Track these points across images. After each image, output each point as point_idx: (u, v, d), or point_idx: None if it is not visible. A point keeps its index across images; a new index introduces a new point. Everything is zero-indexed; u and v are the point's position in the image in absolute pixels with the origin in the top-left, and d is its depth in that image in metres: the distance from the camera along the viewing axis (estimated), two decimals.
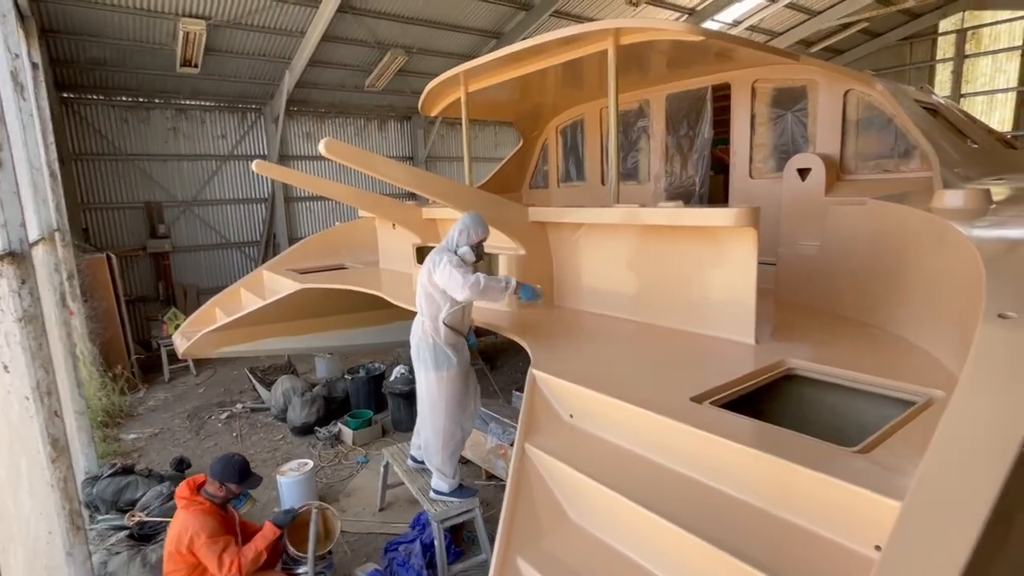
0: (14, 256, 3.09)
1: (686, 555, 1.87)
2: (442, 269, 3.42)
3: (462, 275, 3.36)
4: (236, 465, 3.43)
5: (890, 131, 4.35)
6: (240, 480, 3.40)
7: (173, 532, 3.27)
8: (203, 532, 3.17)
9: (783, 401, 2.82)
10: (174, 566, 3.24)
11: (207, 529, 3.19)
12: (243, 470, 3.45)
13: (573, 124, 6.99)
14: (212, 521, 3.25)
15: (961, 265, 2.40)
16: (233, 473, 3.39)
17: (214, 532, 3.21)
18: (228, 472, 3.38)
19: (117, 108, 10.04)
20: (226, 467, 3.40)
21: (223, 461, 3.44)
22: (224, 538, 3.23)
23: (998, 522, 1.29)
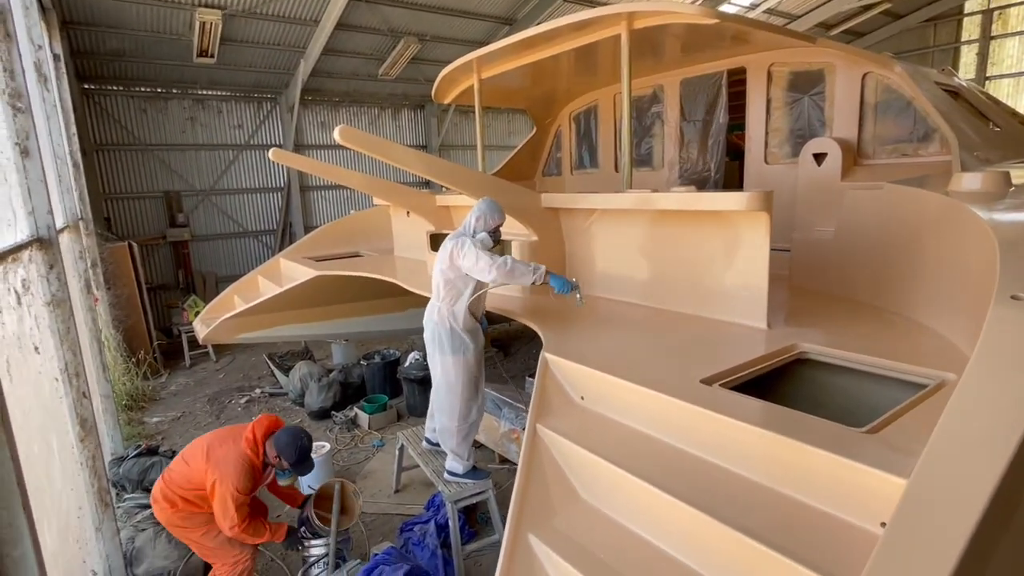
0: (42, 242, 3.19)
1: (695, 532, 1.90)
2: (467, 252, 3.42)
3: (490, 257, 3.37)
4: (300, 449, 3.37)
5: (909, 114, 4.28)
6: (295, 463, 3.37)
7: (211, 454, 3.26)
8: (231, 480, 3.16)
9: (794, 384, 2.83)
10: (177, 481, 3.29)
11: (239, 482, 3.17)
12: (302, 455, 3.40)
13: (586, 111, 6.95)
14: (247, 479, 3.22)
15: (977, 248, 2.38)
16: (292, 453, 3.35)
17: (242, 488, 3.20)
18: (289, 451, 3.34)
19: (136, 99, 10.19)
20: (289, 445, 3.35)
21: (291, 436, 3.37)
22: (247, 498, 3.25)
23: (1002, 501, 1.30)
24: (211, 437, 3.42)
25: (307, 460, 3.45)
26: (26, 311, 2.78)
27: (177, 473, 3.31)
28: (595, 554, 2.01)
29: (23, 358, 2.59)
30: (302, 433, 3.45)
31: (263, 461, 3.36)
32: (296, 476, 3.55)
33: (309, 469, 3.51)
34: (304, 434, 3.46)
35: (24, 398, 2.43)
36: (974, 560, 1.24)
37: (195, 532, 3.34)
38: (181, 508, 3.29)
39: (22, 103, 3.20)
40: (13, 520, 1.52)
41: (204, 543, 3.37)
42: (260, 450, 3.33)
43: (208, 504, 3.27)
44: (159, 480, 3.42)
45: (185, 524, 3.32)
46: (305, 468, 3.47)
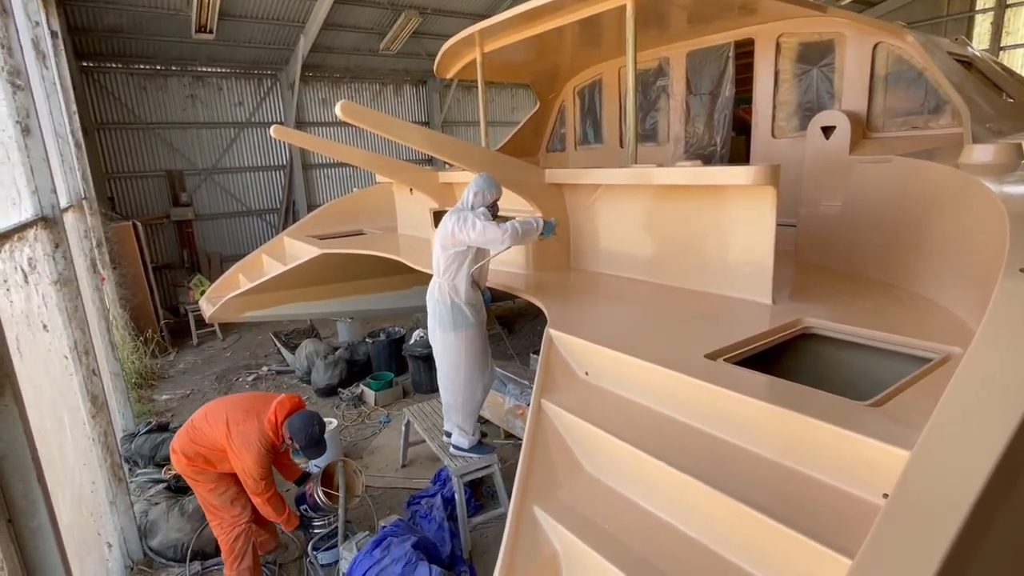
0: (47, 221, 3.20)
1: (698, 504, 1.93)
2: (472, 226, 3.40)
3: (497, 226, 3.38)
4: (310, 436, 3.41)
5: (920, 85, 4.19)
6: (304, 447, 3.42)
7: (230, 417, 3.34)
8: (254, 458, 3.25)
9: (799, 359, 2.84)
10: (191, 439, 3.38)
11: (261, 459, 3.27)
12: (312, 440, 3.43)
13: (591, 85, 6.85)
14: (267, 456, 3.32)
15: (986, 221, 2.35)
16: (302, 438, 3.39)
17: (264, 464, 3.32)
18: (300, 435, 3.38)
19: (135, 76, 10.09)
20: (301, 430, 3.38)
21: (303, 422, 3.40)
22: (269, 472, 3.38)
23: (1004, 473, 1.31)
24: (232, 406, 3.45)
25: (318, 446, 3.48)
26: (33, 290, 2.80)
27: (198, 431, 3.38)
28: (599, 525, 2.04)
29: (32, 336, 2.62)
30: (315, 420, 3.47)
31: (282, 441, 3.42)
32: (310, 459, 3.63)
33: (319, 454, 3.54)
34: (317, 420, 3.48)
35: (35, 375, 2.47)
36: (974, 531, 1.25)
37: (204, 487, 3.44)
38: (196, 463, 3.37)
39: (21, 80, 3.18)
40: (29, 492, 1.55)
41: (209, 499, 3.46)
42: (279, 432, 3.38)
43: (219, 465, 3.38)
44: (180, 432, 3.48)
45: (197, 478, 3.41)
46: (315, 452, 3.49)
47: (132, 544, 3.84)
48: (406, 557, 3.05)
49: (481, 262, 3.66)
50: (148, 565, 3.88)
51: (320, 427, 3.48)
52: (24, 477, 1.55)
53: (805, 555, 1.62)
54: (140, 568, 3.84)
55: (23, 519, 1.57)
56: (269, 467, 3.37)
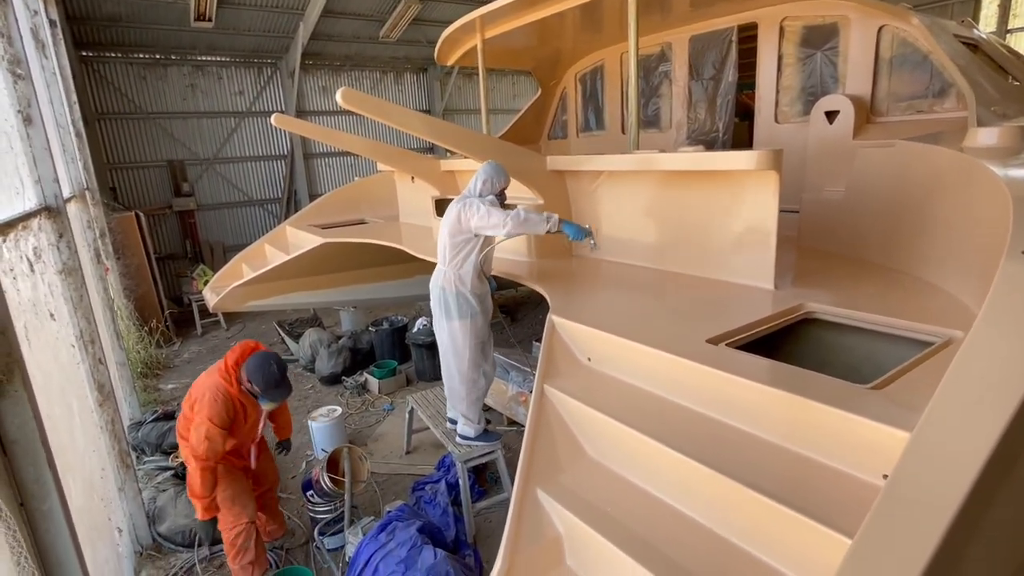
0: (50, 211, 3.21)
1: (700, 486, 1.95)
2: (476, 211, 3.38)
3: (501, 212, 3.34)
4: (267, 375, 3.18)
5: (925, 69, 4.15)
6: (264, 389, 3.19)
7: (195, 391, 3.25)
8: (205, 409, 3.09)
9: (801, 344, 2.84)
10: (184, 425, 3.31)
11: (211, 411, 3.09)
12: (270, 380, 3.18)
13: (592, 71, 6.80)
14: (221, 407, 3.12)
15: (990, 205, 2.34)
16: (259, 378, 3.17)
17: (216, 417, 3.09)
18: (257, 376, 3.18)
19: (135, 66, 10.05)
20: (257, 370, 3.18)
21: (259, 361, 3.21)
22: (215, 434, 3.10)
23: (1003, 454, 1.32)
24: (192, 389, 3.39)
25: (278, 387, 3.24)
26: (39, 278, 2.82)
27: (182, 414, 3.40)
28: (601, 508, 2.06)
29: (40, 324, 2.64)
30: (272, 357, 3.26)
31: (241, 388, 3.23)
32: (276, 403, 3.37)
33: (282, 395, 3.32)
34: (274, 358, 3.26)
35: (43, 362, 2.49)
36: (973, 511, 1.27)
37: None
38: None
39: (22, 69, 3.17)
40: (39, 476, 1.58)
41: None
42: (233, 377, 3.20)
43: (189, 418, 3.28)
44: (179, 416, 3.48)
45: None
46: (276, 394, 3.27)
47: (141, 530, 3.90)
48: (411, 541, 3.09)
49: (486, 249, 3.64)
50: (157, 550, 3.93)
51: (279, 366, 3.25)
52: (35, 461, 1.57)
53: (805, 535, 1.64)
54: (149, 553, 3.89)
55: (35, 502, 1.60)
56: (224, 425, 3.12)
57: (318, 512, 3.88)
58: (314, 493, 3.85)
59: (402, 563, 2.97)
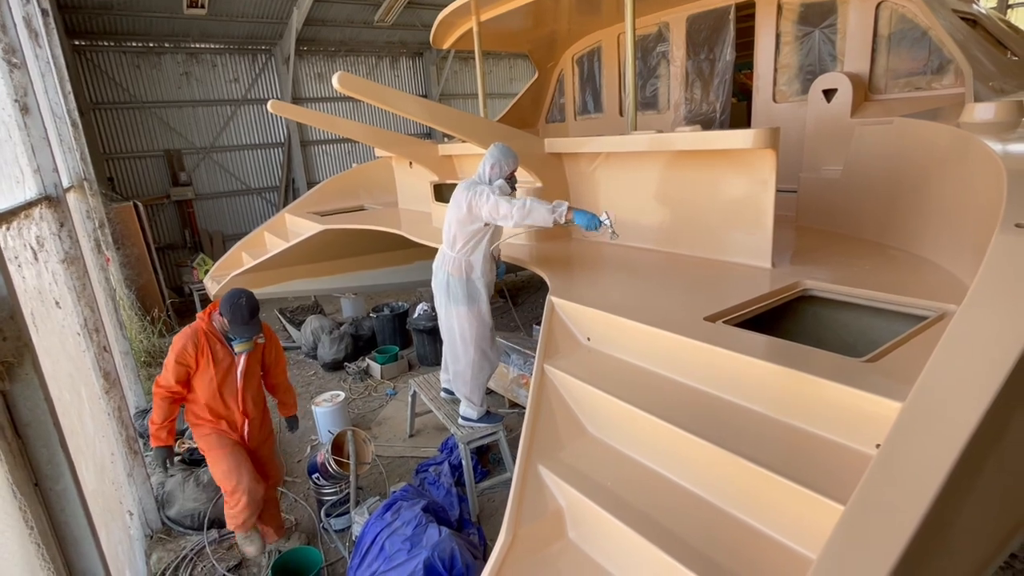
0: (51, 200, 3.22)
1: (698, 460, 1.99)
2: (487, 201, 3.33)
3: (508, 202, 3.28)
4: (234, 306, 3.14)
5: (924, 45, 4.13)
6: (231, 321, 3.16)
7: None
8: (172, 346, 3.17)
9: (797, 320, 2.88)
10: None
11: (175, 344, 3.16)
12: (236, 312, 3.14)
13: (590, 53, 6.75)
14: (185, 340, 3.16)
15: (985, 180, 2.36)
16: (227, 310, 3.15)
17: (177, 349, 3.14)
18: (225, 307, 3.16)
19: (128, 54, 9.97)
20: (225, 302, 3.17)
21: (229, 295, 3.19)
22: (172, 365, 3.15)
23: (992, 423, 1.36)
24: None
25: (249, 319, 3.18)
26: (43, 267, 2.84)
27: None
28: (602, 482, 2.11)
29: (46, 312, 2.68)
30: (243, 293, 3.22)
31: (212, 327, 3.25)
32: (248, 343, 3.31)
33: (249, 333, 3.25)
34: (245, 294, 3.22)
35: (51, 349, 2.53)
36: (962, 478, 1.30)
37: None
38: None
39: (17, 58, 3.17)
40: (52, 457, 1.62)
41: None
42: (207, 314, 3.26)
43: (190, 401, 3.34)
44: None
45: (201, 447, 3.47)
46: (245, 329, 3.20)
47: (151, 514, 3.97)
48: (416, 519, 3.15)
49: (499, 240, 3.63)
50: (167, 533, 4.01)
51: (248, 300, 3.19)
52: (47, 443, 1.61)
53: (800, 504, 1.69)
54: (159, 536, 3.97)
55: (48, 483, 1.64)
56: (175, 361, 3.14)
57: (324, 494, 3.95)
58: (320, 476, 3.92)
59: (407, 541, 3.03)
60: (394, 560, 2.97)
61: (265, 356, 3.58)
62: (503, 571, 1.96)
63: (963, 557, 1.49)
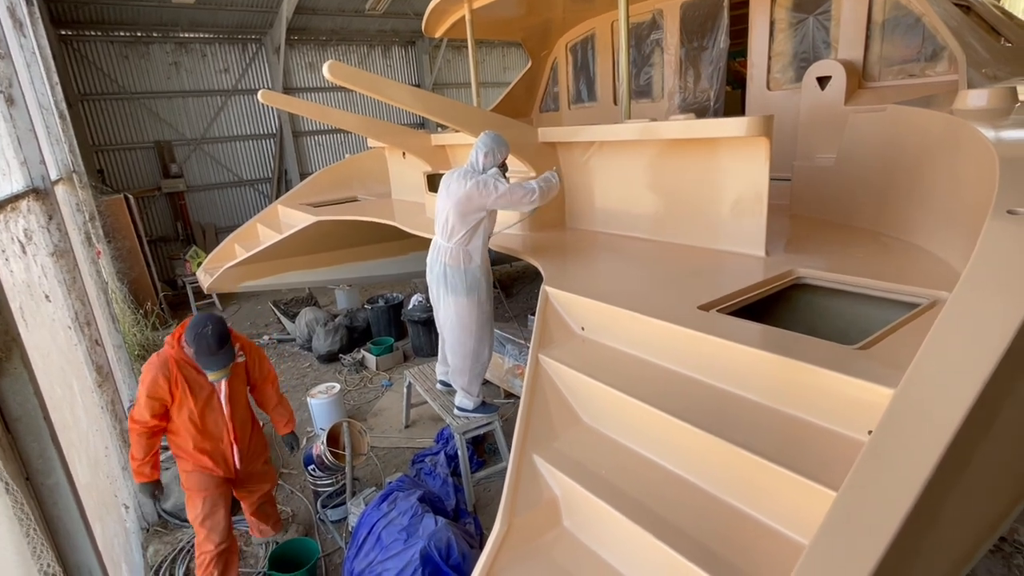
0: (38, 192, 3.18)
1: (692, 448, 2.00)
2: (495, 189, 3.31)
3: (520, 187, 3.33)
4: (198, 336, 2.80)
5: (918, 32, 4.12)
6: (196, 352, 2.83)
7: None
8: (143, 374, 2.85)
9: (791, 309, 2.89)
10: None
11: (145, 374, 2.84)
12: (201, 343, 2.80)
13: (583, 41, 6.70)
14: (155, 370, 2.83)
15: (978, 167, 2.36)
16: (191, 338, 2.81)
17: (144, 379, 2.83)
18: (189, 335, 2.82)
19: (116, 44, 9.82)
20: (189, 331, 2.83)
21: (193, 322, 2.86)
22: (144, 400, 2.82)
23: (984, 407, 1.36)
24: None
25: (216, 349, 2.84)
26: (32, 260, 2.81)
27: None
28: (596, 470, 2.12)
29: (35, 306, 2.65)
30: (210, 320, 2.88)
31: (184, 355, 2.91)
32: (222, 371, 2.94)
33: (219, 361, 2.89)
34: (210, 321, 2.87)
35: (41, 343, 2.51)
36: (953, 463, 1.31)
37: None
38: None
39: (1, 48, 3.11)
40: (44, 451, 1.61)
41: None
42: (177, 341, 2.92)
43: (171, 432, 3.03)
44: None
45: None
46: (212, 361, 2.85)
47: (147, 507, 3.97)
48: (412, 509, 3.16)
49: (498, 228, 3.62)
50: (163, 526, 4.01)
51: (214, 328, 2.84)
52: (38, 437, 1.60)
53: (793, 490, 1.70)
54: (156, 529, 3.97)
55: (40, 477, 1.63)
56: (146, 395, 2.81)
57: (320, 485, 3.95)
58: (316, 467, 3.92)
59: (404, 531, 3.04)
60: (391, 550, 2.99)
61: (250, 373, 3.26)
62: (499, 559, 1.97)
63: (954, 541, 1.50)
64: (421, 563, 2.86)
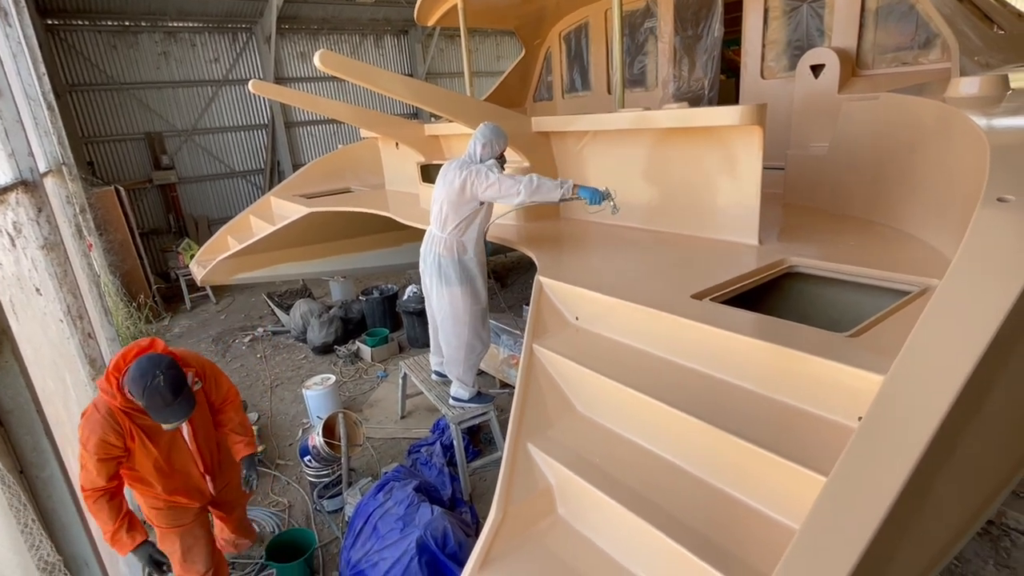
0: (27, 185, 3.14)
1: (685, 435, 2.02)
2: (486, 179, 3.29)
3: (513, 179, 3.26)
4: (154, 392, 2.24)
5: (911, 19, 4.11)
6: (148, 407, 2.29)
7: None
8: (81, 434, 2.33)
9: (783, 297, 2.90)
10: None
11: (87, 442, 2.30)
12: (155, 398, 2.25)
13: (577, 29, 6.66)
14: (98, 435, 2.31)
15: (969, 154, 2.37)
16: (138, 395, 2.26)
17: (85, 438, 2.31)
18: (135, 387, 2.26)
19: (104, 34, 9.68)
20: (137, 381, 2.25)
21: (140, 371, 2.26)
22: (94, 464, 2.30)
23: (971, 392, 1.38)
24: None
25: (173, 399, 2.30)
26: (22, 253, 2.79)
27: None
28: (590, 459, 2.14)
29: (26, 299, 2.63)
30: (156, 365, 2.29)
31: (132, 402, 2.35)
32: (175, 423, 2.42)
33: (180, 411, 2.36)
34: (158, 368, 2.28)
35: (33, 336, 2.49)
36: (941, 447, 1.33)
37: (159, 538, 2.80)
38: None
39: None
40: (37, 444, 1.61)
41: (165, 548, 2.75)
42: (113, 387, 2.33)
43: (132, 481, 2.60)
44: None
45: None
46: (171, 412, 2.33)
47: None
48: (408, 499, 3.18)
49: (493, 218, 3.59)
50: None
51: (165, 376, 2.28)
52: (31, 431, 1.60)
53: (785, 476, 1.72)
54: None
55: (34, 470, 1.63)
56: (92, 454, 2.29)
57: (317, 476, 3.96)
58: (311, 458, 3.93)
59: (400, 520, 3.06)
60: (387, 539, 3.00)
61: (209, 396, 2.81)
62: (494, 547, 1.99)
63: (942, 525, 1.53)
64: (417, 552, 2.88)
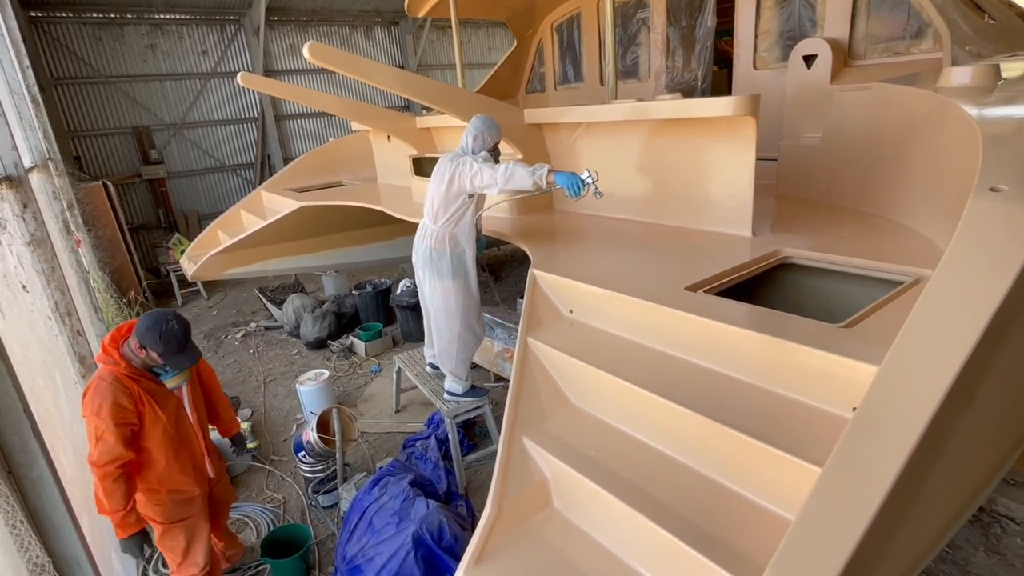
0: (11, 181, 3.10)
1: (679, 427, 2.02)
2: (469, 170, 3.27)
3: (491, 169, 3.22)
4: (165, 333, 2.39)
5: (903, 9, 4.11)
6: (163, 352, 2.42)
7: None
8: (89, 404, 2.37)
9: (777, 288, 2.91)
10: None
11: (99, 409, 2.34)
12: (170, 339, 2.41)
13: (569, 20, 6.61)
14: (109, 394, 2.36)
15: (961, 145, 2.37)
16: (155, 339, 2.39)
17: (100, 407, 2.34)
18: (151, 336, 2.39)
19: (89, 26, 9.53)
20: (150, 329, 2.39)
21: (152, 319, 2.42)
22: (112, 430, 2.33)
23: (965, 382, 1.38)
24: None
25: (182, 348, 2.48)
26: (7, 250, 2.74)
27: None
28: (585, 451, 2.13)
29: (13, 296, 2.59)
30: (169, 315, 2.48)
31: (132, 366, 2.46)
32: (183, 374, 2.62)
33: (190, 361, 2.57)
34: (171, 316, 2.48)
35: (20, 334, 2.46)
36: (935, 437, 1.33)
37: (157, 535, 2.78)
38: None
39: None
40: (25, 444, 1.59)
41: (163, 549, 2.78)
42: (116, 355, 2.44)
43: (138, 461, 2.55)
44: None
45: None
46: (185, 358, 2.51)
47: None
48: (404, 494, 3.18)
49: (481, 211, 3.58)
50: None
51: (178, 321, 2.49)
52: (19, 430, 1.57)
53: (780, 468, 1.72)
54: None
55: (23, 470, 1.61)
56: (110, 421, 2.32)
57: (311, 472, 3.95)
58: (306, 454, 3.92)
59: (395, 515, 3.06)
60: (383, 534, 3.00)
61: (200, 372, 2.92)
62: (490, 540, 1.99)
63: (935, 513, 1.54)
64: (413, 546, 2.88)
